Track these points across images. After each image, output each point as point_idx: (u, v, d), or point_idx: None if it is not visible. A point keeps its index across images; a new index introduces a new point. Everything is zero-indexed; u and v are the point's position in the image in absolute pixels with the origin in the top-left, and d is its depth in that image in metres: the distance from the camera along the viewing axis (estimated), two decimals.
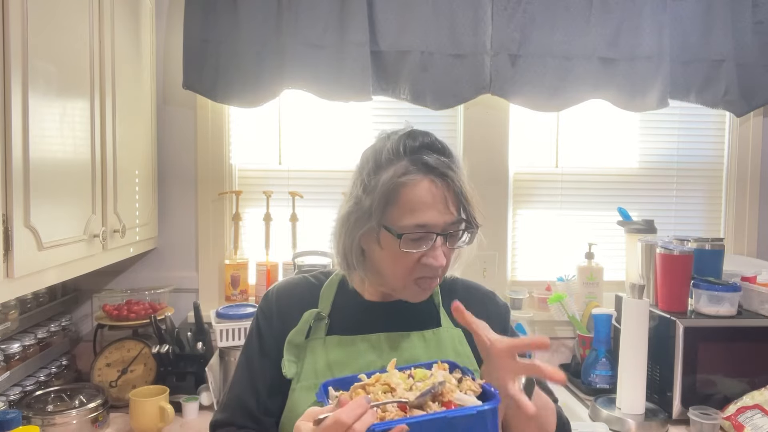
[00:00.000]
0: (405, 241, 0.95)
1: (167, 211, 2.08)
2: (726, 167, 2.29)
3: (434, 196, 0.95)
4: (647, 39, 2.05)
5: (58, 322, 1.87)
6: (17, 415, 1.39)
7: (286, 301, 1.11)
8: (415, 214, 0.94)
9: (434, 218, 0.95)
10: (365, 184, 0.98)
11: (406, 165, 0.96)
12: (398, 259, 0.97)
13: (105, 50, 1.54)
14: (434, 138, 1.01)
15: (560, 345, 2.18)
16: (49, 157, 1.26)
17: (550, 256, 2.25)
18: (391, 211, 0.96)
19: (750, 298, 1.80)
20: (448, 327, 1.09)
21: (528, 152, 2.23)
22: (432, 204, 0.95)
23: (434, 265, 0.97)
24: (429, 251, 0.96)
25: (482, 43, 2.02)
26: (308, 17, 1.95)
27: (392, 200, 0.95)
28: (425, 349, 1.05)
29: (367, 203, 0.97)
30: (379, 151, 0.99)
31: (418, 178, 0.95)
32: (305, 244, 2.12)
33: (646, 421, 1.65)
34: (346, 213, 1.00)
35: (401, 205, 0.95)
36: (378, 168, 0.98)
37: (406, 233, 0.94)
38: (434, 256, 0.96)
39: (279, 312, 1.09)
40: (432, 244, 0.96)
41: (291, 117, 2.15)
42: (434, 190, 0.95)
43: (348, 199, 1.02)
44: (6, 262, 1.10)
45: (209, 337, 1.90)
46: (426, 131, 1.02)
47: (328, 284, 1.12)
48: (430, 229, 0.95)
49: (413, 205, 0.94)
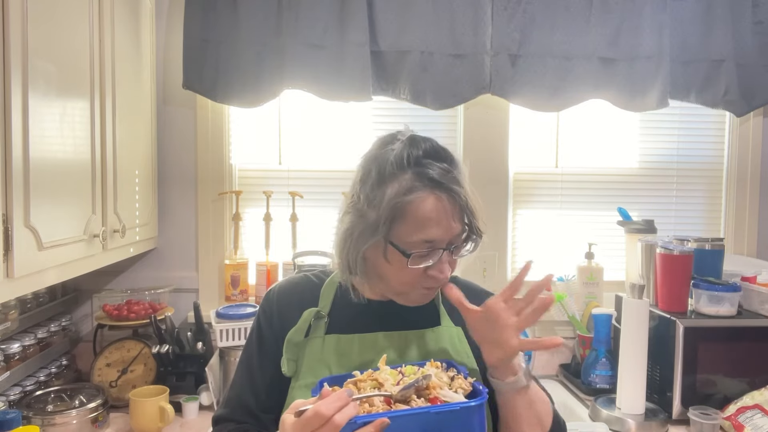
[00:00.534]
0: (413, 259, 0.96)
1: (167, 211, 2.08)
2: (726, 167, 2.29)
3: (439, 212, 0.95)
4: (647, 39, 2.05)
5: (58, 322, 1.87)
6: (17, 415, 1.39)
7: (286, 300, 1.11)
8: (422, 231, 0.95)
9: (440, 234, 0.96)
10: (369, 197, 0.97)
11: (411, 179, 0.95)
12: (404, 273, 0.98)
13: (105, 50, 1.54)
14: (436, 144, 1.00)
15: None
16: (49, 157, 1.26)
17: (550, 256, 2.25)
18: (397, 227, 0.96)
19: (750, 298, 1.80)
20: (448, 326, 1.10)
21: (528, 152, 2.23)
22: (438, 220, 0.95)
23: (439, 278, 0.99)
24: (435, 264, 0.97)
25: (482, 43, 2.02)
26: (308, 17, 1.95)
27: (398, 217, 0.95)
28: (424, 348, 1.06)
29: (372, 217, 0.96)
30: (383, 163, 0.97)
31: (423, 195, 0.95)
32: (305, 244, 2.12)
33: (646, 421, 1.65)
34: (350, 226, 1.00)
35: (408, 222, 0.95)
36: (381, 181, 0.97)
37: (414, 251, 0.95)
38: (440, 269, 0.98)
39: (279, 311, 1.10)
40: (439, 258, 0.97)
41: (291, 117, 2.15)
42: (440, 206, 0.95)
43: (349, 210, 1.01)
44: (6, 262, 1.10)
45: (209, 337, 1.90)
46: (427, 137, 1.01)
47: (328, 283, 1.12)
48: (436, 245, 0.96)
49: (420, 222, 0.95)
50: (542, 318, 2.12)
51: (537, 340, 0.97)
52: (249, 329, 1.18)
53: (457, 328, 1.10)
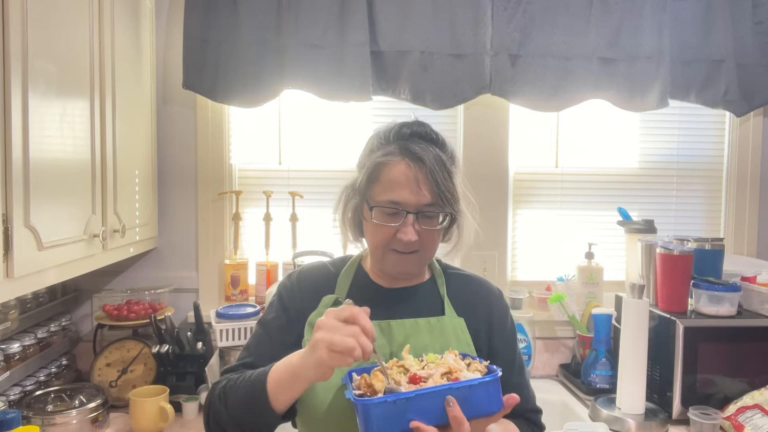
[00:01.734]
0: (378, 213, 1.07)
1: (167, 211, 2.08)
2: (726, 167, 2.29)
3: (408, 177, 1.06)
4: (647, 39, 2.05)
5: (58, 322, 1.87)
6: (17, 415, 1.39)
7: (307, 283, 1.19)
8: (389, 192, 1.06)
9: (406, 197, 1.06)
10: (360, 163, 1.15)
11: (393, 149, 1.08)
12: (377, 231, 1.09)
13: (105, 50, 1.54)
14: (429, 129, 1.12)
15: (560, 345, 2.18)
16: (49, 157, 1.26)
17: (550, 256, 2.25)
18: (373, 187, 1.09)
19: (750, 298, 1.80)
20: (452, 316, 1.17)
21: (528, 152, 2.23)
22: (405, 184, 1.06)
23: (404, 240, 1.06)
24: (401, 227, 1.06)
25: (482, 43, 2.02)
26: (308, 17, 1.95)
27: (374, 178, 1.09)
28: (430, 335, 1.13)
29: (358, 180, 1.12)
30: (376, 136, 1.13)
31: (396, 160, 1.07)
32: (305, 244, 2.12)
33: (646, 421, 1.65)
34: (344, 187, 1.16)
35: (380, 182, 1.08)
36: (371, 150, 1.12)
37: (378, 206, 1.07)
38: (404, 232, 1.06)
39: (301, 292, 1.18)
40: (403, 221, 1.06)
41: (291, 117, 2.15)
42: (408, 171, 1.06)
43: (350, 178, 1.17)
44: (6, 262, 1.10)
45: (209, 337, 1.90)
46: (423, 122, 1.13)
47: (345, 271, 1.20)
48: (401, 206, 1.06)
49: (389, 183, 1.07)
50: (543, 318, 2.14)
51: None
52: (253, 327, 1.25)
53: (459, 319, 1.17)
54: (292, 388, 0.95)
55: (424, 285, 1.21)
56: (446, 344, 1.11)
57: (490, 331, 1.19)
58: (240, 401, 1.00)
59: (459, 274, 1.25)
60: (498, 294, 1.25)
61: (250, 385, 1.00)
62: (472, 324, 1.17)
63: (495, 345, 1.18)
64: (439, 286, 1.21)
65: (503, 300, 1.25)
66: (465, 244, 1.17)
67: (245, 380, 1.02)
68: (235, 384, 1.03)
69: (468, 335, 1.15)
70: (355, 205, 1.14)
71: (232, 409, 1.01)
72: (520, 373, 1.21)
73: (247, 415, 0.99)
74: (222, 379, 1.09)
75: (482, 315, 1.19)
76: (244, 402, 1.00)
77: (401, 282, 1.18)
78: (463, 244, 1.17)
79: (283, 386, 0.96)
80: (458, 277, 1.24)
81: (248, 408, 0.99)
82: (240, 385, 1.02)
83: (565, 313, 2.05)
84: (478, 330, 1.17)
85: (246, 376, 1.02)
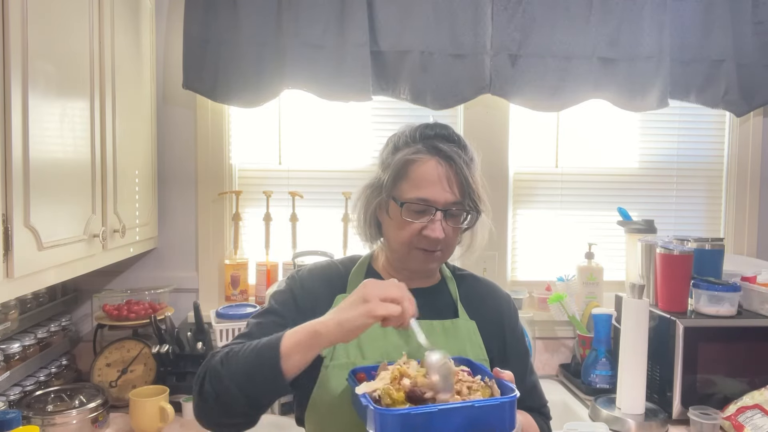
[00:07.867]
0: (406, 211, 1.07)
1: (167, 211, 2.08)
2: (726, 167, 2.29)
3: (438, 175, 1.07)
4: (647, 39, 2.05)
5: (58, 322, 1.87)
6: (17, 415, 1.39)
7: (320, 281, 1.18)
8: (419, 189, 1.07)
9: (435, 194, 1.06)
10: (383, 162, 1.14)
11: (420, 148, 1.09)
12: (402, 228, 1.09)
13: (105, 50, 1.54)
14: (451, 131, 1.13)
15: (560, 345, 2.18)
16: (49, 157, 1.26)
17: (550, 256, 2.25)
18: (400, 185, 1.09)
19: (750, 298, 1.80)
20: (465, 319, 1.17)
21: (528, 152, 2.23)
22: (435, 181, 1.06)
23: (431, 237, 1.07)
24: (429, 224, 1.07)
25: (482, 43, 2.02)
26: (308, 17, 1.95)
27: (402, 175, 1.09)
28: (445, 337, 1.13)
29: (382, 178, 1.11)
30: (399, 136, 1.13)
31: (426, 158, 1.08)
32: (305, 244, 2.12)
33: (646, 421, 1.65)
34: (365, 186, 1.15)
35: (409, 180, 1.08)
36: (396, 149, 1.12)
37: (408, 202, 1.07)
38: (432, 229, 1.07)
39: (313, 289, 1.16)
40: (432, 218, 1.07)
41: (291, 117, 2.14)
42: (439, 169, 1.07)
43: (371, 177, 1.16)
44: (6, 262, 1.10)
45: (209, 337, 1.90)
46: (445, 125, 1.14)
47: (356, 269, 1.20)
48: (430, 203, 1.07)
49: (419, 181, 1.07)
50: (543, 318, 2.15)
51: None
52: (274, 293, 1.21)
53: (471, 322, 1.17)
54: (311, 348, 0.94)
55: (436, 287, 1.21)
56: (461, 347, 1.11)
57: (502, 336, 1.20)
58: (247, 362, 0.97)
59: (468, 276, 1.26)
60: (507, 298, 1.26)
61: (261, 347, 0.97)
62: (483, 327, 1.17)
63: (508, 350, 1.20)
64: (451, 289, 1.21)
65: (512, 303, 1.26)
66: (479, 246, 1.17)
67: (253, 345, 0.98)
68: (241, 348, 0.99)
69: (480, 338, 1.16)
70: (378, 204, 1.13)
71: (236, 371, 0.97)
72: (532, 372, 1.24)
73: (253, 376, 0.95)
74: (223, 347, 1.05)
75: (494, 319, 1.20)
76: (252, 362, 0.96)
77: (415, 282, 1.15)
78: (477, 246, 1.18)
79: (300, 346, 0.94)
80: (468, 279, 1.25)
81: (257, 367, 0.95)
82: (247, 349, 0.98)
83: (565, 313, 2.05)
84: (490, 334, 1.18)
85: (254, 342, 0.99)
